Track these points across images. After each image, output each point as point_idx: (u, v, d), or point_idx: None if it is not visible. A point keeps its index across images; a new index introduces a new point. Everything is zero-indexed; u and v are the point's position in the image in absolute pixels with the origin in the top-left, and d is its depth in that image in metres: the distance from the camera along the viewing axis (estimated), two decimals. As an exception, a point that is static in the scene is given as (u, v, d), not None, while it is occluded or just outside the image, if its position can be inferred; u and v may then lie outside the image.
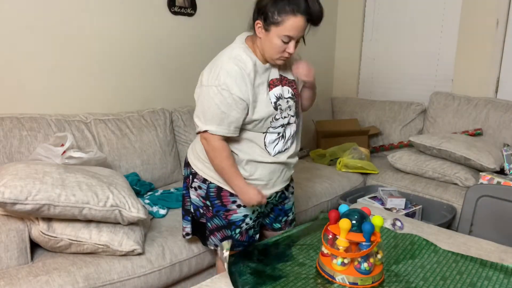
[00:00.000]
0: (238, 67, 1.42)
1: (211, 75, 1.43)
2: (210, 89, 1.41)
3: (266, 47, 1.42)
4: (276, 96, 1.51)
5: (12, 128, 1.91)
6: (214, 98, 1.41)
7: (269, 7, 1.34)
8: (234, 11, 2.99)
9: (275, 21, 1.34)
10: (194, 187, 1.63)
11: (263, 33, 1.41)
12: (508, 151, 2.58)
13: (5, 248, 1.50)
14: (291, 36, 1.37)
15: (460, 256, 1.51)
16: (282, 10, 1.32)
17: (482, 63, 3.07)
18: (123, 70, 2.46)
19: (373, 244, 1.25)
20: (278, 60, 1.46)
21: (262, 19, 1.38)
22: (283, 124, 1.56)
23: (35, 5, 2.06)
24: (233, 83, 1.40)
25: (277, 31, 1.36)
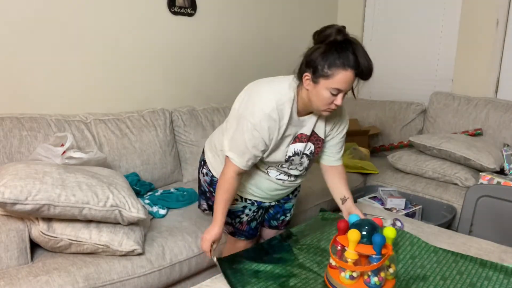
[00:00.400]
0: (277, 116, 1.42)
1: (251, 109, 1.43)
2: (245, 123, 1.43)
3: (313, 98, 1.41)
4: (294, 152, 1.54)
5: (12, 128, 1.91)
6: (246, 133, 1.43)
7: (319, 60, 1.34)
8: (234, 11, 2.99)
9: (325, 74, 1.34)
10: (203, 173, 1.74)
11: (311, 85, 1.40)
12: (508, 151, 2.58)
13: (5, 248, 1.50)
14: (340, 89, 1.37)
15: (460, 256, 1.51)
16: (332, 64, 1.32)
17: (482, 63, 3.07)
18: (123, 70, 2.46)
19: (384, 258, 1.18)
20: (325, 112, 1.45)
21: (311, 71, 1.37)
22: (286, 172, 1.61)
23: (35, 6, 2.06)
24: (265, 127, 1.42)
25: (326, 84, 1.35)
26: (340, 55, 1.32)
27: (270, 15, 3.26)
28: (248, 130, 1.42)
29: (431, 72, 3.39)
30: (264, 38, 3.24)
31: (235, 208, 1.67)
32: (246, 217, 1.69)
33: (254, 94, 1.47)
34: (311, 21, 3.60)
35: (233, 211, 1.67)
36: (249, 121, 1.42)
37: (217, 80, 2.98)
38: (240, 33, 3.06)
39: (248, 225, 1.71)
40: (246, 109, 1.44)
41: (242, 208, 1.68)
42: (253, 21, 3.14)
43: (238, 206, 1.67)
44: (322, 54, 1.33)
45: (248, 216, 1.70)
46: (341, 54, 1.32)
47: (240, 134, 1.44)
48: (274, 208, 1.81)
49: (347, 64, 1.32)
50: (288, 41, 3.42)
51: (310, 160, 1.61)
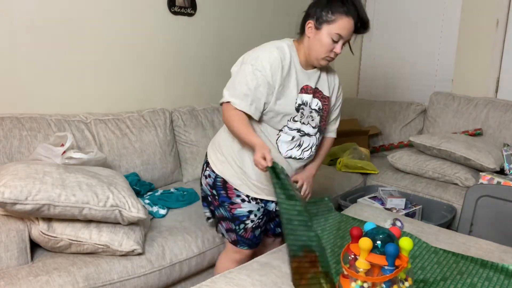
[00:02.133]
0: (278, 55, 1.49)
1: (253, 55, 1.50)
2: (246, 67, 1.48)
3: (314, 45, 1.49)
4: (302, 101, 1.57)
5: (12, 128, 1.91)
6: (247, 75, 1.47)
7: (322, 7, 1.45)
8: (234, 11, 2.99)
9: (328, 19, 1.44)
10: (205, 175, 1.70)
11: (313, 32, 1.49)
12: (508, 151, 2.58)
13: (5, 248, 1.50)
14: (341, 35, 1.45)
15: (461, 256, 1.51)
16: (336, 10, 1.43)
17: (482, 63, 3.07)
18: (123, 70, 2.46)
19: (397, 270, 1.12)
20: (323, 60, 1.52)
21: (314, 19, 1.47)
22: (299, 129, 1.58)
23: (35, 5, 2.06)
24: (268, 66, 1.47)
25: (328, 29, 1.45)
26: (344, 3, 1.43)
27: (270, 15, 3.26)
28: (250, 72, 1.47)
29: (431, 72, 3.39)
30: (264, 38, 3.23)
31: (240, 212, 1.62)
32: (251, 223, 1.64)
33: (256, 48, 1.54)
34: (311, 21, 3.59)
35: (238, 216, 1.63)
36: (250, 63, 1.47)
37: (217, 80, 2.98)
38: (240, 33, 3.06)
39: (253, 232, 1.66)
40: (250, 57, 1.50)
41: (248, 213, 1.63)
42: (253, 21, 3.14)
43: (243, 210, 1.62)
44: (327, 3, 1.44)
45: (254, 223, 1.65)
46: (344, 3, 1.43)
47: (242, 77, 1.48)
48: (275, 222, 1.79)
49: (349, 12, 1.43)
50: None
51: (321, 116, 1.62)
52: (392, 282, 1.15)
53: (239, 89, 1.48)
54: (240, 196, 1.61)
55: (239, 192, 1.61)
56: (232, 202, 1.62)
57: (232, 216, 1.63)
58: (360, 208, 2.00)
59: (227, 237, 1.70)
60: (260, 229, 1.69)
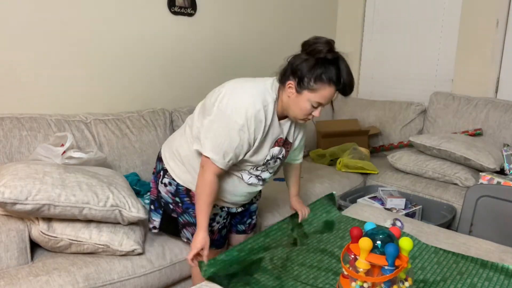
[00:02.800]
0: (263, 117, 1.43)
1: (236, 108, 1.40)
2: (232, 124, 1.40)
3: (293, 107, 1.44)
4: (271, 156, 1.55)
5: (12, 128, 1.91)
6: (232, 134, 1.40)
7: (305, 72, 1.37)
8: (234, 11, 2.99)
9: (310, 87, 1.37)
10: (164, 183, 1.64)
11: (294, 95, 1.42)
12: (508, 151, 2.58)
13: (5, 248, 1.50)
14: (321, 103, 1.41)
15: (461, 256, 1.51)
16: (318, 79, 1.36)
17: (482, 63, 3.07)
18: (123, 70, 2.46)
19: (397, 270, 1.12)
20: (301, 121, 1.49)
21: (296, 81, 1.39)
22: (258, 175, 1.60)
23: (35, 5, 2.05)
24: (252, 128, 1.41)
25: (309, 96, 1.39)
26: (327, 71, 1.35)
27: (270, 15, 3.26)
28: (235, 131, 1.40)
29: (431, 72, 3.39)
30: (264, 38, 3.24)
31: None
32: (217, 224, 1.66)
33: (238, 91, 1.45)
34: (311, 21, 3.60)
35: None
36: (236, 121, 1.39)
37: (217, 80, 2.96)
38: (240, 33, 3.06)
39: (219, 233, 1.68)
40: (231, 108, 1.41)
41: (213, 216, 1.62)
42: (253, 21, 3.14)
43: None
44: (310, 68, 1.36)
45: (219, 224, 1.66)
46: (327, 70, 1.35)
47: (225, 133, 1.41)
48: (242, 213, 1.77)
49: (332, 80, 1.36)
50: (288, 41, 3.42)
51: (281, 162, 1.63)
52: (392, 282, 1.15)
53: (222, 147, 1.41)
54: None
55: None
56: None
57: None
58: (360, 208, 2.01)
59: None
60: (226, 228, 1.71)
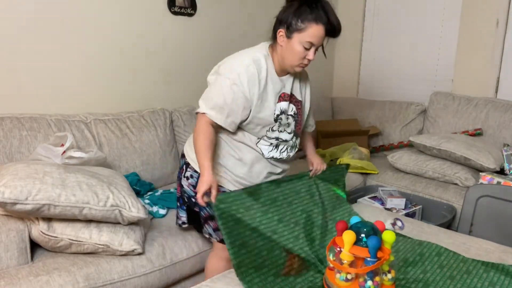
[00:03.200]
0: (255, 69, 1.49)
1: (228, 67, 1.50)
2: (223, 80, 1.49)
3: (287, 54, 1.49)
4: (280, 110, 1.58)
5: (12, 128, 1.91)
6: (224, 88, 1.48)
7: (292, 16, 1.45)
8: (234, 11, 2.99)
9: (298, 27, 1.44)
10: (186, 177, 1.67)
11: (285, 41, 1.48)
12: (508, 151, 2.58)
13: (5, 248, 1.50)
14: (312, 43, 1.46)
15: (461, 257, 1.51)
16: (305, 18, 1.42)
17: (482, 63, 3.07)
18: (123, 70, 2.46)
19: (379, 262, 1.17)
20: (297, 67, 1.52)
21: (285, 27, 1.47)
22: (277, 137, 1.62)
23: (34, 5, 2.06)
24: (245, 81, 1.47)
25: (299, 37, 1.45)
26: (312, 11, 1.42)
27: (269, 15, 3.24)
28: (227, 86, 1.47)
29: (431, 72, 3.39)
30: (263, 37, 3.24)
31: None
32: None
33: (232, 58, 1.54)
34: (311, 21, 3.59)
35: None
36: (227, 77, 1.47)
37: (217, 80, 2.98)
38: (240, 33, 3.06)
39: None
40: (223, 68, 1.50)
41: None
42: (253, 20, 3.13)
43: None
44: (295, 10, 1.44)
45: None
46: (313, 10, 1.42)
47: (218, 90, 1.49)
48: None
49: (318, 19, 1.42)
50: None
51: (296, 121, 1.65)
52: (375, 273, 1.19)
53: (216, 101, 1.49)
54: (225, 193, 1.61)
55: (223, 189, 1.63)
56: None
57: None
58: (360, 208, 2.01)
59: (215, 237, 1.67)
60: None
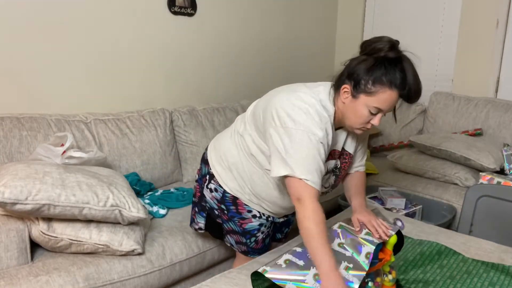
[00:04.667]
0: (330, 130, 1.27)
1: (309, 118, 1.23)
2: (308, 134, 1.22)
3: (349, 114, 1.27)
4: (327, 170, 1.37)
5: (12, 128, 1.91)
6: (311, 147, 1.22)
7: (363, 74, 1.21)
8: (234, 11, 2.99)
9: (368, 90, 1.20)
10: (210, 189, 1.56)
11: (349, 99, 1.25)
12: (508, 151, 2.58)
13: (5, 248, 1.50)
14: (380, 109, 1.24)
15: (461, 257, 1.51)
16: (378, 80, 1.19)
17: (482, 63, 3.07)
18: (123, 70, 2.46)
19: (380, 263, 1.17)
20: (358, 130, 1.30)
21: (352, 84, 1.23)
22: None
23: (34, 5, 2.05)
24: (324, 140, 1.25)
25: (367, 101, 1.22)
26: (388, 72, 1.20)
27: (270, 15, 3.26)
28: (316, 143, 1.22)
29: (431, 72, 3.39)
30: (264, 38, 3.24)
31: (251, 227, 1.55)
32: (262, 234, 1.59)
33: (300, 103, 1.26)
34: (311, 21, 3.60)
35: (249, 230, 1.55)
36: (315, 134, 1.23)
37: (217, 80, 2.98)
38: (240, 33, 3.06)
39: (263, 242, 1.61)
40: (303, 120, 1.23)
41: (258, 226, 1.56)
42: (253, 21, 3.13)
43: (254, 225, 1.55)
44: (368, 68, 1.21)
45: (264, 234, 1.59)
46: (389, 71, 1.20)
47: (309, 150, 1.22)
48: (282, 222, 1.71)
49: (393, 83, 1.20)
50: (288, 41, 3.42)
51: (336, 176, 1.45)
52: (376, 274, 1.19)
53: (304, 161, 1.21)
54: (251, 212, 1.53)
55: (250, 208, 1.53)
56: (243, 218, 1.54)
57: (243, 231, 1.56)
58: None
59: (237, 248, 1.64)
60: (269, 236, 1.64)
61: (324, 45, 3.82)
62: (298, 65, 3.53)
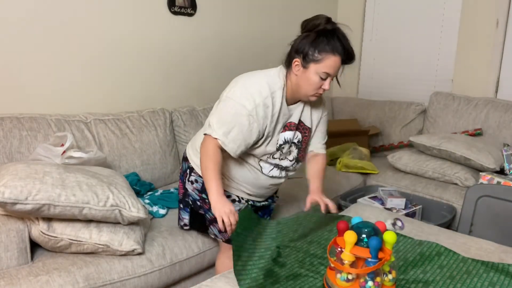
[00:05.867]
0: (271, 103, 1.48)
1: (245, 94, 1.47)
2: (240, 108, 1.46)
3: (302, 83, 1.48)
4: (284, 140, 1.57)
5: (12, 128, 1.91)
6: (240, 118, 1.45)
7: (309, 46, 1.43)
8: (234, 11, 2.99)
9: (315, 58, 1.43)
10: (191, 181, 1.69)
11: (300, 71, 1.47)
12: (508, 151, 2.58)
13: (5, 248, 1.50)
14: (328, 73, 1.45)
15: (462, 257, 1.51)
16: (322, 49, 1.42)
17: (482, 63, 3.07)
18: (123, 70, 2.46)
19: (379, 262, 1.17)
20: (312, 97, 1.51)
21: (301, 57, 1.46)
22: (277, 164, 1.62)
23: (35, 5, 2.06)
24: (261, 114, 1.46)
25: (316, 68, 1.44)
26: (329, 42, 1.41)
27: (270, 15, 3.26)
28: (243, 115, 1.45)
29: (431, 72, 3.39)
30: (264, 37, 3.24)
31: None
32: None
33: (246, 80, 1.51)
34: (311, 21, 3.60)
35: None
36: (244, 106, 1.45)
37: (217, 80, 2.98)
38: (240, 33, 3.06)
39: None
40: (239, 95, 1.47)
41: (238, 210, 1.62)
42: (253, 21, 3.14)
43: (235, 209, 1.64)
44: (312, 41, 1.43)
45: None
46: (330, 41, 1.41)
47: (233, 117, 1.45)
48: (263, 210, 1.82)
49: (335, 49, 1.42)
50: (287, 40, 3.41)
51: (299, 149, 1.63)
52: (376, 274, 1.19)
53: (230, 129, 1.46)
54: (230, 197, 1.64)
55: (229, 193, 1.64)
56: None
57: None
58: (360, 208, 2.00)
59: (221, 237, 1.72)
60: None
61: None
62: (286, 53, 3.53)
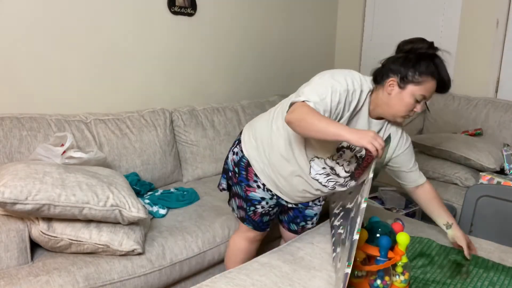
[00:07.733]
0: (357, 98, 1.44)
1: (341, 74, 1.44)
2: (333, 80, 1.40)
3: (394, 103, 1.44)
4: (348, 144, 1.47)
5: (12, 128, 1.91)
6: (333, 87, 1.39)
7: (409, 67, 1.42)
8: (234, 11, 2.99)
9: (415, 80, 1.41)
10: (233, 151, 1.72)
11: (395, 91, 1.43)
12: (508, 151, 2.58)
13: (5, 248, 1.50)
14: (425, 96, 1.43)
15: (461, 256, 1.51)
16: (424, 72, 1.41)
17: (482, 63, 3.07)
18: (123, 70, 2.46)
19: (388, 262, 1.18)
20: (401, 118, 1.48)
21: (398, 77, 1.43)
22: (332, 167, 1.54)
23: (35, 5, 2.06)
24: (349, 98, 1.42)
25: (413, 90, 1.41)
26: (430, 66, 1.43)
27: (270, 15, 3.26)
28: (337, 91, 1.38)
29: (431, 72, 3.39)
30: (264, 37, 3.24)
31: (253, 196, 1.67)
32: (262, 209, 1.69)
33: (338, 70, 1.47)
34: (311, 21, 3.60)
35: (251, 199, 1.67)
36: (340, 83, 1.40)
37: (217, 80, 2.98)
38: (240, 33, 3.06)
39: (261, 217, 1.71)
40: (335, 74, 1.43)
41: (260, 199, 1.67)
42: (253, 20, 3.14)
43: (256, 195, 1.66)
44: (414, 62, 1.42)
45: (264, 209, 1.69)
46: (431, 65, 1.43)
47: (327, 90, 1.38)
48: (294, 211, 1.78)
49: (436, 74, 1.44)
50: (288, 40, 3.42)
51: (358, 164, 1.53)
52: (386, 273, 1.19)
53: (325, 98, 1.37)
54: (257, 182, 1.65)
55: (257, 178, 1.65)
56: (249, 185, 1.66)
57: (246, 197, 1.68)
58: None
59: (237, 213, 1.76)
60: (269, 217, 1.74)
61: (324, 45, 3.82)
62: (298, 65, 3.53)
